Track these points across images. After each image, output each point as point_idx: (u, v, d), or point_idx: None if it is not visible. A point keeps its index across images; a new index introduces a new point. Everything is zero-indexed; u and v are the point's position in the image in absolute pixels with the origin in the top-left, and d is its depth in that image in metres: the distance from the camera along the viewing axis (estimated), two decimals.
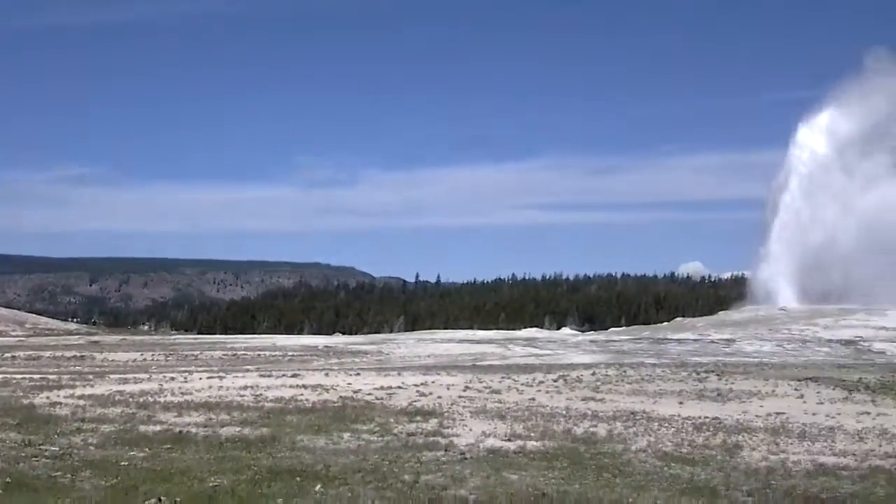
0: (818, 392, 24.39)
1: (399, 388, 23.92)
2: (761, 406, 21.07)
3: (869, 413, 19.95)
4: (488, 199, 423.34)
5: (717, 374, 29.07)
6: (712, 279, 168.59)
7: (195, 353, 47.06)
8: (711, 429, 16.88)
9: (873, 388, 26.17)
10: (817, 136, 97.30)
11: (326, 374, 29.03)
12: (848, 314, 69.12)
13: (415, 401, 20.81)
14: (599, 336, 70.22)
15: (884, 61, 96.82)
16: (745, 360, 44.18)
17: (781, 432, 16.61)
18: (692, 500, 10.19)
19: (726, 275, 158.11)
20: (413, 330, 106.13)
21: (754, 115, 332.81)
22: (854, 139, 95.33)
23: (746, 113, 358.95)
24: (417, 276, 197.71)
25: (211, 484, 10.56)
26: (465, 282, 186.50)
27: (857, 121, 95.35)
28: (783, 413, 19.67)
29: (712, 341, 58.59)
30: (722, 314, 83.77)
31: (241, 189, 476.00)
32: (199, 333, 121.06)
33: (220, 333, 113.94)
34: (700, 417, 18.58)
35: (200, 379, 26.53)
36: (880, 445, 15.15)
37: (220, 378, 26.86)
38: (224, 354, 46.19)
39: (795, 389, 24.87)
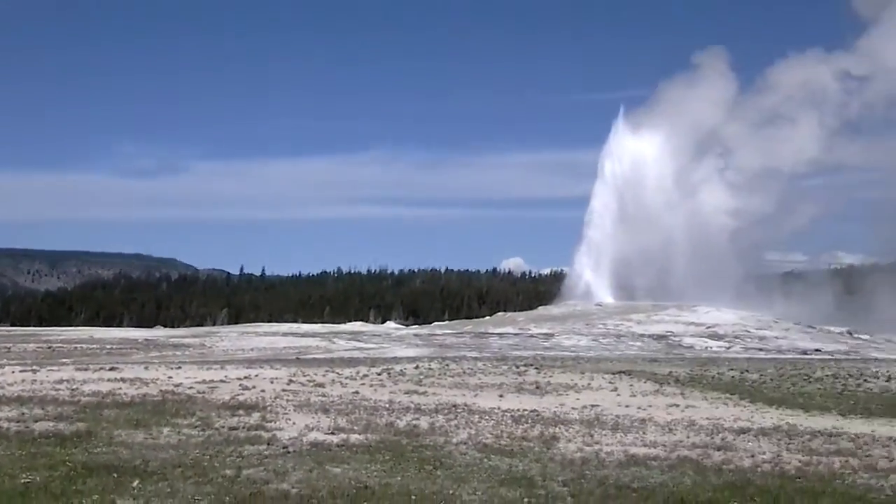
0: (631, 385, 25.33)
1: (221, 381, 23.66)
2: (577, 399, 21.73)
3: (678, 405, 20.85)
4: (314, 192, 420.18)
5: (536, 368, 29.82)
6: (532, 275, 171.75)
7: (7, 345, 45.20)
8: (530, 421, 17.31)
9: (682, 381, 27.33)
10: (640, 136, 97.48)
11: (146, 368, 28.41)
12: (660, 310, 71.48)
13: (237, 394, 20.62)
14: (423, 330, 70.68)
15: (714, 61, 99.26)
16: (562, 354, 45.35)
17: (596, 424, 17.17)
18: (510, 491, 10.45)
19: (546, 271, 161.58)
20: (237, 323, 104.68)
21: (578, 114, 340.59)
22: (680, 141, 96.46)
23: (570, 112, 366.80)
24: (242, 269, 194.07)
25: (23, 480, 10.25)
26: (290, 275, 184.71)
27: (684, 122, 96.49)
28: (598, 405, 20.36)
29: (532, 336, 59.79)
30: (541, 309, 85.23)
31: (58, 176, 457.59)
32: (11, 325, 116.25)
33: (35, 325, 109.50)
34: (519, 410, 19.03)
35: (13, 372, 25.60)
36: (688, 436, 15.84)
37: (34, 371, 25.96)
38: (38, 347, 44.49)
39: (610, 382, 25.75)
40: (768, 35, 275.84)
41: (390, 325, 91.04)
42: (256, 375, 25.53)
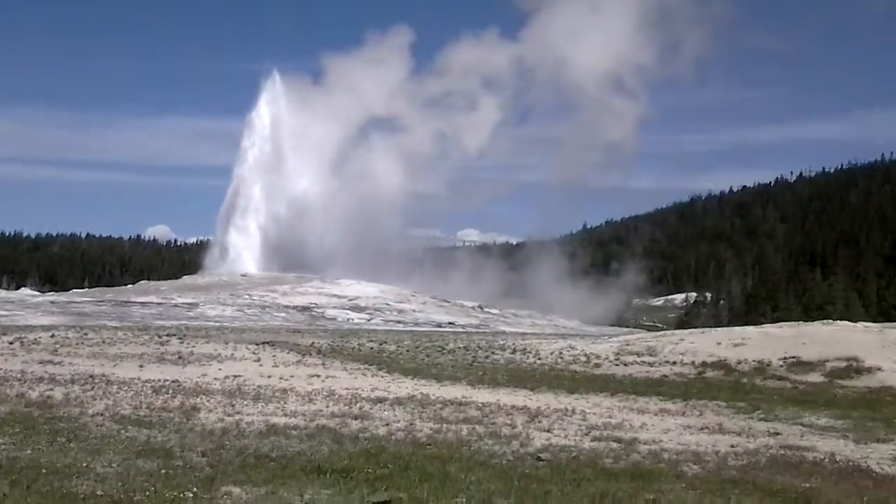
0: (274, 356, 25.62)
1: None
2: (220, 369, 21.75)
3: (319, 375, 21.37)
4: None
5: (179, 338, 29.49)
6: (179, 243, 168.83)
7: None
8: (171, 391, 17.17)
9: (324, 351, 28.03)
10: (296, 108, 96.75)
11: None
12: (304, 282, 72.39)
13: None
14: (61, 297, 67.77)
15: (392, 40, 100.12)
16: (207, 324, 45.09)
17: (238, 394, 17.29)
18: (147, 462, 10.37)
19: (192, 240, 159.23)
20: None
21: (232, 83, 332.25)
22: (343, 117, 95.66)
23: (224, 80, 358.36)
24: None
25: None
26: None
27: (350, 99, 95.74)
28: (240, 376, 20.49)
29: (176, 305, 58.95)
30: (186, 279, 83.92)
31: None
32: None
33: None
34: (160, 380, 18.82)
35: None
36: (328, 406, 16.31)
37: None
38: None
39: (253, 353, 25.91)
40: (452, 16, 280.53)
41: (25, 291, 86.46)
42: None
